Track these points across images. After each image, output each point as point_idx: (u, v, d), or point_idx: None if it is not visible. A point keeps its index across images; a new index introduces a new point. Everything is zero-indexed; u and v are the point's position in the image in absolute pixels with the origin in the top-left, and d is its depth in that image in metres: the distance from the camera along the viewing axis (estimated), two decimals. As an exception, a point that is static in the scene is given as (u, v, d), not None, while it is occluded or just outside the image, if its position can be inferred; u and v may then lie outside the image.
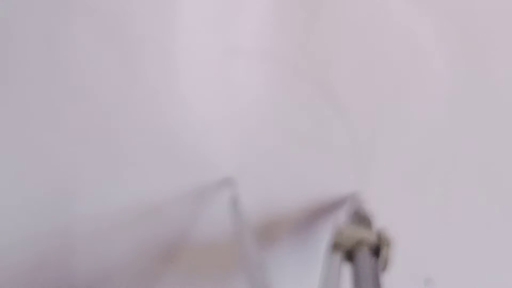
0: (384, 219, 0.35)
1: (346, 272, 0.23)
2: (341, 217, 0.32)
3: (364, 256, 0.23)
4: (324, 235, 0.33)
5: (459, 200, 0.35)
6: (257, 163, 0.33)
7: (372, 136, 0.35)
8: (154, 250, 0.32)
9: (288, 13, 0.33)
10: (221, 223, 0.33)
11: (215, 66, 0.33)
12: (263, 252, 0.31)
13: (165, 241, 0.32)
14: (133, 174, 0.32)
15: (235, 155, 0.33)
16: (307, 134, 0.34)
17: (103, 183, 0.31)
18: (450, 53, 0.35)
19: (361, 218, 0.25)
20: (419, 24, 0.35)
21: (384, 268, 0.23)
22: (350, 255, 0.23)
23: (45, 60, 0.30)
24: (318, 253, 0.33)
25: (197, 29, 0.32)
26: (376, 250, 0.23)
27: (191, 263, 0.33)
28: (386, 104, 0.35)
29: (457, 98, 0.35)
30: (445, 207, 0.35)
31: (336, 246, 0.23)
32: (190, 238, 0.33)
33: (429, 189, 0.35)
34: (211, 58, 0.32)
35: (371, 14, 0.35)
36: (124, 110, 0.31)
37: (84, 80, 0.31)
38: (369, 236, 0.23)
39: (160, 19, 0.31)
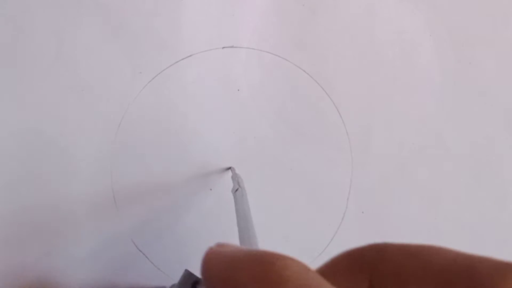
0: (379, 208, 0.35)
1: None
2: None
3: None
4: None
5: (449, 189, 0.36)
6: (255, 153, 0.34)
7: (368, 128, 0.35)
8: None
9: (286, 9, 0.34)
10: (220, 212, 0.33)
11: (216, 61, 0.33)
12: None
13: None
14: (137, 164, 0.32)
15: (234, 146, 0.33)
16: (306, 126, 0.34)
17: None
18: (440, 48, 0.36)
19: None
20: (411, 21, 0.36)
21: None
22: None
23: (54, 53, 0.30)
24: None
25: (198, 25, 0.33)
26: None
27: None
28: (380, 97, 0.35)
29: (447, 91, 0.36)
30: (436, 196, 0.36)
31: None
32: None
33: (421, 179, 0.36)
34: (211, 52, 0.33)
35: (365, 10, 0.35)
36: (128, 102, 0.32)
37: (90, 74, 0.31)
38: None
39: (163, 15, 0.32)
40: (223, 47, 0.33)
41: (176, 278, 0.30)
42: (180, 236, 0.33)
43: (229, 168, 0.33)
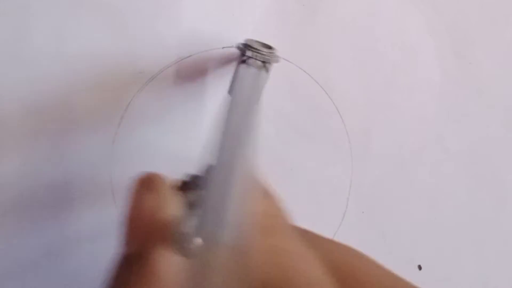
0: (379, 208, 0.35)
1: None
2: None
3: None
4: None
5: (449, 188, 0.36)
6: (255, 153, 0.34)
7: (368, 128, 0.35)
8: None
9: (286, 9, 0.34)
10: None
11: (215, 60, 0.33)
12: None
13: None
14: (137, 164, 0.32)
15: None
16: (305, 126, 0.34)
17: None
18: (440, 48, 0.36)
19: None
20: (411, 21, 0.36)
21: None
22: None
23: (54, 53, 0.31)
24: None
25: (198, 25, 0.33)
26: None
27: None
28: (380, 97, 0.35)
29: (447, 90, 0.36)
30: (435, 196, 0.36)
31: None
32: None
33: (421, 179, 0.36)
34: (211, 52, 0.33)
35: (366, 11, 0.35)
36: (127, 101, 0.31)
37: (90, 74, 0.31)
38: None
39: (163, 15, 0.32)
40: (223, 47, 0.33)
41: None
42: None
43: None
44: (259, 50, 0.26)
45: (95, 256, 0.31)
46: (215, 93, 0.33)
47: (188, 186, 0.20)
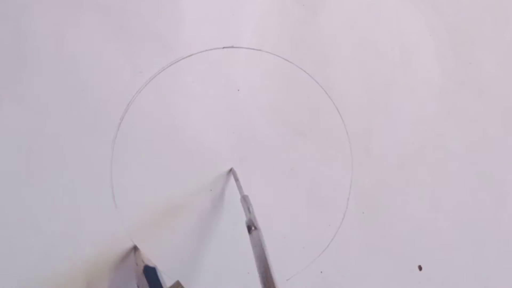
0: (379, 208, 0.35)
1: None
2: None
3: None
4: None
5: (449, 189, 0.36)
6: (256, 154, 0.34)
7: (368, 128, 0.35)
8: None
9: (286, 9, 0.34)
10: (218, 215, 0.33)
11: (216, 61, 0.33)
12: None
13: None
14: (137, 164, 0.32)
15: (235, 146, 0.34)
16: (306, 126, 0.34)
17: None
18: (440, 48, 0.36)
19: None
20: (411, 21, 0.36)
21: None
22: None
23: (54, 53, 0.31)
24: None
25: (198, 25, 0.33)
26: None
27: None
28: (380, 97, 0.35)
29: (447, 90, 0.36)
30: (435, 196, 0.36)
31: None
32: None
33: (421, 179, 0.36)
34: (211, 52, 0.33)
35: (366, 11, 0.35)
36: (128, 101, 0.32)
37: (90, 74, 0.31)
38: None
39: (163, 15, 0.32)
40: (223, 47, 0.33)
41: (176, 277, 0.30)
42: (180, 236, 0.33)
43: (230, 169, 0.33)
44: None
45: (96, 257, 0.31)
46: (215, 94, 0.33)
47: None
